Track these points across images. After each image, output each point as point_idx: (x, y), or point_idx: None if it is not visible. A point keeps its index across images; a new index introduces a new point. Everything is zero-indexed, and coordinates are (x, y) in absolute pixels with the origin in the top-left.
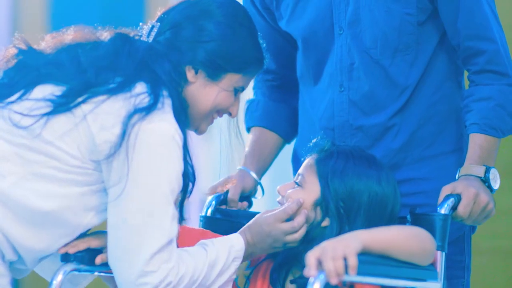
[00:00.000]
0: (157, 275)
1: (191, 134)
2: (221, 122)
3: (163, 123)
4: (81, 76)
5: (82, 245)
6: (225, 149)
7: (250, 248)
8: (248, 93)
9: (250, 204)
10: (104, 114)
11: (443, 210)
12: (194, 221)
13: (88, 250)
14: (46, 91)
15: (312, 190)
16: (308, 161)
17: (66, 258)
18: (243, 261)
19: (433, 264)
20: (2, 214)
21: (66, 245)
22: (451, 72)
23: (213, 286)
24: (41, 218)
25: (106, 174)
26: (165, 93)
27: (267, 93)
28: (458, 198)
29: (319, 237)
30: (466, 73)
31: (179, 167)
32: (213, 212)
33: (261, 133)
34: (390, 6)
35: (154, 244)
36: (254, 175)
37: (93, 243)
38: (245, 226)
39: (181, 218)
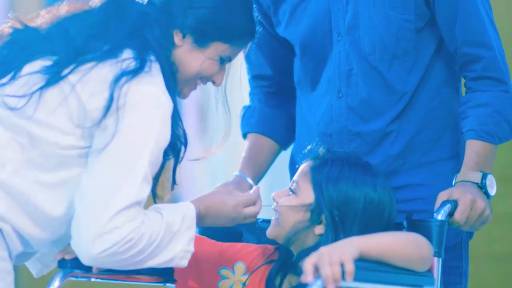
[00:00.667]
0: (121, 232)
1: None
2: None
3: (150, 86)
4: (70, 45)
5: None
6: (213, 118)
7: (202, 219)
8: (245, 99)
9: None
10: (92, 81)
11: (440, 216)
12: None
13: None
14: (36, 66)
15: (306, 198)
16: (302, 168)
17: (62, 264)
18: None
19: (429, 270)
20: (7, 204)
21: (63, 250)
22: (449, 78)
23: (167, 252)
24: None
25: (97, 139)
26: (152, 58)
27: (263, 100)
28: (455, 204)
29: (314, 245)
30: (463, 80)
31: (165, 130)
32: None
33: (257, 139)
34: (388, 12)
35: (123, 200)
36: (250, 181)
37: None
38: (202, 197)
39: (173, 183)
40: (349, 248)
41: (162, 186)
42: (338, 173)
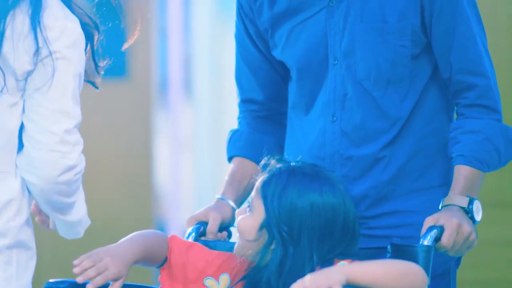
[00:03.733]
0: (73, 156)
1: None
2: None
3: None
4: None
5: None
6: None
7: None
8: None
9: (230, 234)
10: (16, 33)
11: (426, 242)
12: None
13: (72, 283)
14: None
15: (259, 215)
16: (257, 183)
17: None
18: None
19: None
20: None
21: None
22: (443, 105)
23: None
24: None
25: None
26: None
27: (252, 124)
28: (441, 229)
29: (269, 261)
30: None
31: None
32: None
33: (242, 163)
34: (385, 37)
35: (68, 123)
36: (233, 204)
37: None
38: None
39: (96, 66)
40: (336, 273)
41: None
42: (282, 186)
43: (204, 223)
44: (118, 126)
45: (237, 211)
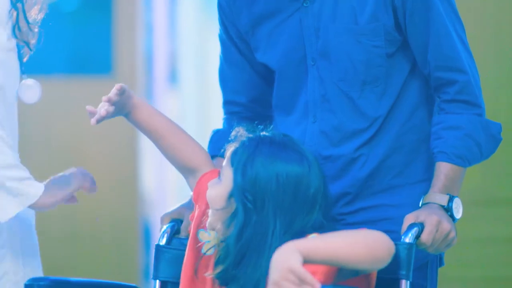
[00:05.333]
0: None
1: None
2: None
3: None
4: None
5: None
6: None
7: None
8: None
9: None
10: None
11: (408, 239)
12: None
13: (53, 281)
14: None
15: (228, 183)
16: (227, 152)
17: None
18: None
19: None
20: None
21: None
22: (422, 101)
23: None
24: None
25: None
26: None
27: (235, 125)
28: (422, 226)
29: (233, 230)
30: None
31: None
32: (167, 241)
33: (221, 162)
34: (358, 39)
35: None
36: None
37: None
38: None
39: (27, 22)
40: (290, 254)
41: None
42: (249, 154)
43: (179, 221)
44: (103, 123)
45: (209, 182)
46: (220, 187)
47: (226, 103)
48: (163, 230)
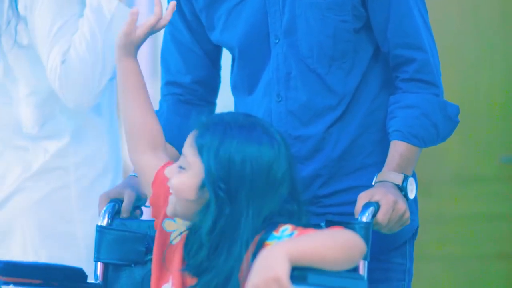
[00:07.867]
0: None
1: None
2: None
3: None
4: None
5: None
6: None
7: None
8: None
9: (141, 213)
10: None
11: (365, 218)
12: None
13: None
14: None
15: (197, 172)
16: (188, 138)
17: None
18: None
19: (357, 269)
20: None
21: None
22: (389, 80)
23: None
24: None
25: None
26: None
27: (172, 108)
28: (377, 206)
29: (207, 221)
30: None
31: None
32: (109, 222)
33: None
34: (325, 14)
35: None
36: None
37: None
38: None
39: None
40: (278, 261)
41: None
42: (219, 140)
43: (119, 201)
44: None
45: (167, 171)
46: (187, 176)
47: (167, 83)
48: (103, 211)
